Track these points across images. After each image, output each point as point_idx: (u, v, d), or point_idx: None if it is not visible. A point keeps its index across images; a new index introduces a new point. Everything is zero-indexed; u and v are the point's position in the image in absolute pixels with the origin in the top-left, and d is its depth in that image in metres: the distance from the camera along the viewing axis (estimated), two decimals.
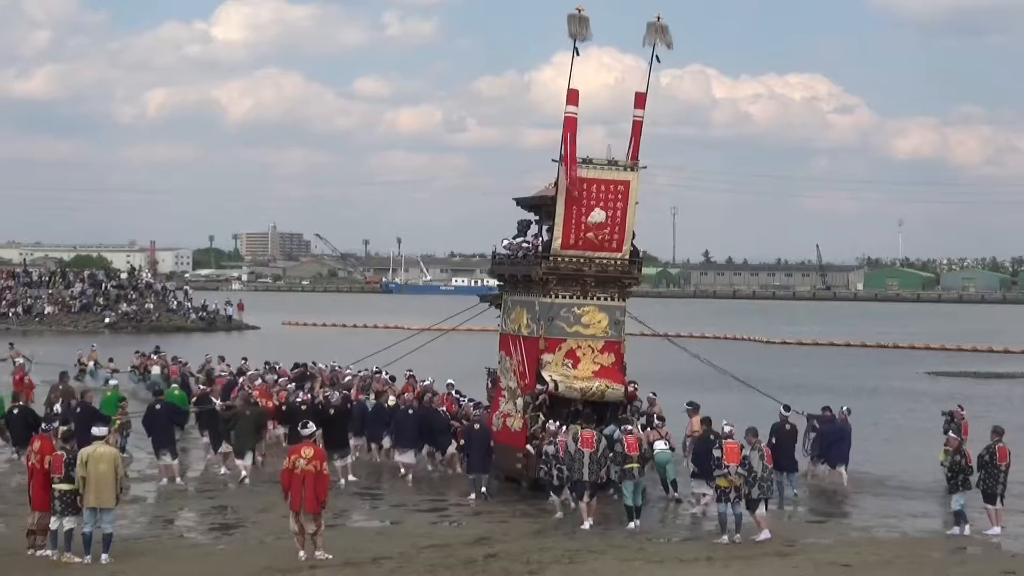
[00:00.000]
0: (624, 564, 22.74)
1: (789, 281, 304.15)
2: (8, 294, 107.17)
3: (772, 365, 73.72)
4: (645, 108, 30.59)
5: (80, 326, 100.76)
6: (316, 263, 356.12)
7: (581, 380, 29.86)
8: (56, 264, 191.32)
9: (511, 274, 32.04)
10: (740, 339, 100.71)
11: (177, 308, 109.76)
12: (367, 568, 21.82)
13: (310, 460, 22.33)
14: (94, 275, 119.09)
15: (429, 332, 40.68)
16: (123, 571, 21.13)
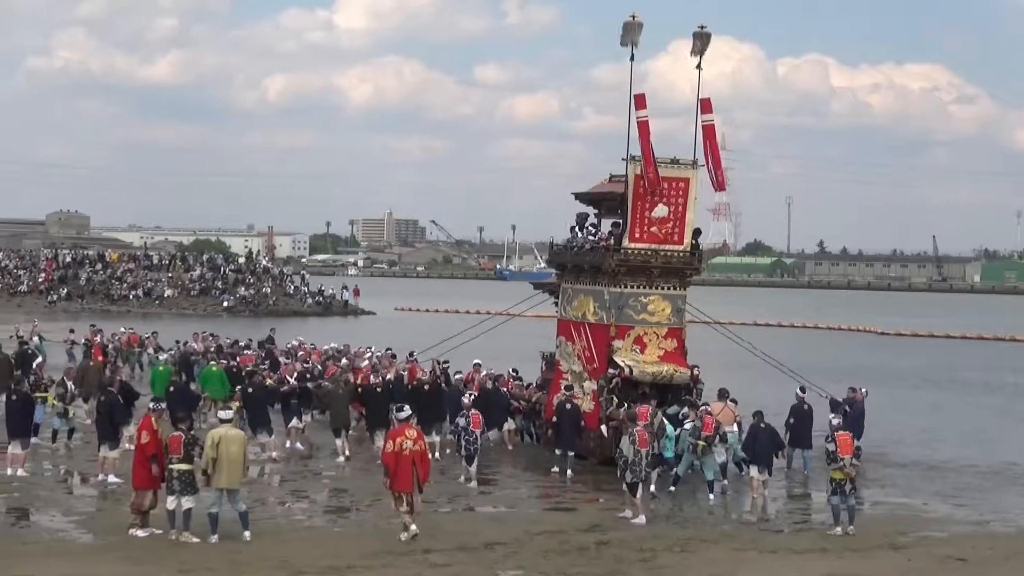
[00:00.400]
0: (737, 554, 22.69)
1: (904, 272, 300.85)
2: (129, 277, 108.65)
3: (874, 355, 73.10)
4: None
5: (199, 309, 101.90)
6: (431, 249, 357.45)
7: (651, 364, 31.72)
8: (176, 248, 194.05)
9: (575, 264, 33.93)
10: (856, 330, 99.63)
11: (294, 293, 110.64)
12: (480, 553, 21.93)
13: (415, 441, 22.55)
14: (213, 259, 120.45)
15: (490, 318, 42.11)
16: (238, 551, 21.39)
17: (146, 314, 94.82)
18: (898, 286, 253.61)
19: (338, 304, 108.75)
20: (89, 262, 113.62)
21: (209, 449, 21.97)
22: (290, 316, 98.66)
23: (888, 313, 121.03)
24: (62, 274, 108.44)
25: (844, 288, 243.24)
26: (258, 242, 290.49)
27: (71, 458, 30.74)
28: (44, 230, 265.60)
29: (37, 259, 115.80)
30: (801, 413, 32.46)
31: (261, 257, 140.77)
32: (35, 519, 24.10)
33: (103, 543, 21.98)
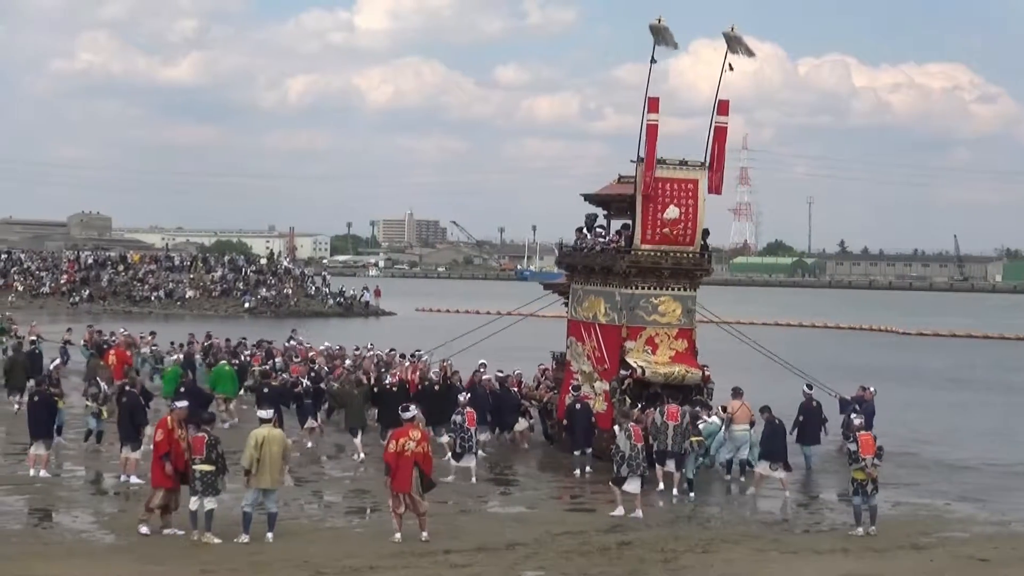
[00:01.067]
0: (759, 554, 22.67)
1: (926, 272, 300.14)
2: (151, 278, 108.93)
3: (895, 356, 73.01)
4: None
5: (220, 310, 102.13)
6: (452, 250, 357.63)
7: (663, 365, 32.05)
8: (197, 249, 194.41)
9: (585, 265, 34.17)
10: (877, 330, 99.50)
11: (315, 294, 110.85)
12: (502, 554, 21.91)
13: (419, 442, 22.58)
14: (234, 260, 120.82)
15: (499, 318, 42.85)
16: (261, 551, 21.40)
17: (168, 315, 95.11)
18: (919, 286, 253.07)
19: (359, 305, 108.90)
20: (111, 263, 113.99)
21: (253, 450, 22.01)
22: (311, 317, 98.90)
23: (909, 313, 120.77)
24: (84, 275, 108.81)
25: (865, 288, 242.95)
26: (279, 243, 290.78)
27: (97, 459, 30.81)
28: (66, 231, 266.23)
29: (59, 260, 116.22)
30: (810, 410, 33.32)
31: (282, 258, 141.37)
32: (57, 519, 24.15)
33: (125, 543, 22.02)
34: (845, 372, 47.23)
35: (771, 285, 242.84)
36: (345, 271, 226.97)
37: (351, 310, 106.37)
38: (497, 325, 40.92)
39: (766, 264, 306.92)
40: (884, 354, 76.13)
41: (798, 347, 70.89)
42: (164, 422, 22.90)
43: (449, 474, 29.25)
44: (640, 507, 25.76)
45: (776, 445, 29.08)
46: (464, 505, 26.67)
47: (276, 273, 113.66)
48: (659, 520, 25.65)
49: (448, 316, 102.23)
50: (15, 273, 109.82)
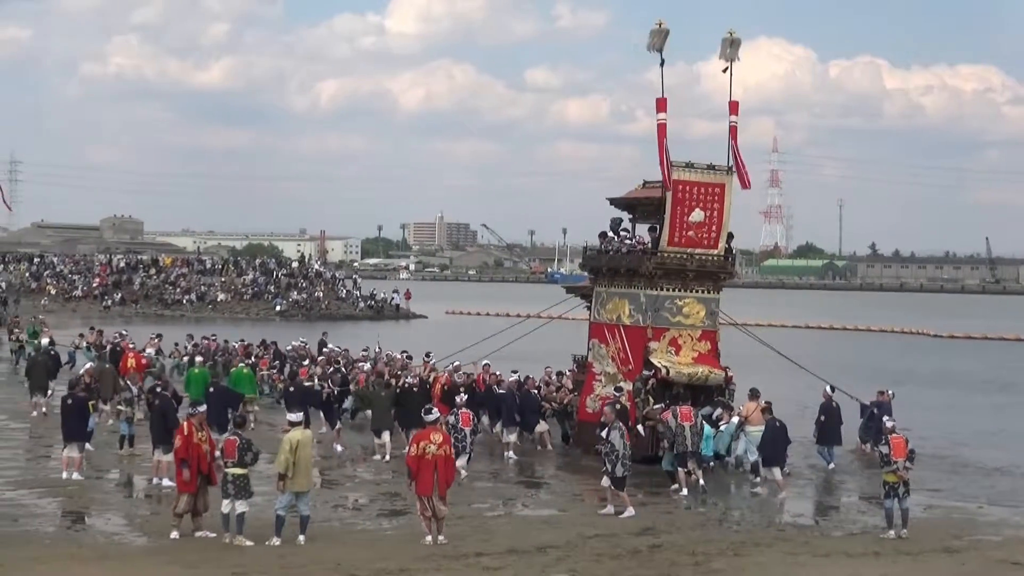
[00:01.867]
0: (790, 557, 22.62)
1: (957, 274, 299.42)
2: (183, 281, 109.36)
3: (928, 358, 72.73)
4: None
5: (252, 313, 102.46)
6: (482, 253, 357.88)
7: (686, 366, 32.59)
8: (229, 252, 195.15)
9: (610, 267, 34.32)
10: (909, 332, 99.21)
11: (346, 296, 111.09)
12: (532, 557, 21.88)
13: (440, 445, 22.60)
14: (265, 263, 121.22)
15: (522, 321, 42.81)
16: (291, 554, 21.45)
17: (199, 318, 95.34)
18: (951, 288, 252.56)
19: (390, 308, 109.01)
20: (143, 267, 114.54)
21: (288, 453, 22.04)
22: (342, 320, 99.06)
23: (941, 315, 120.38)
24: (116, 279, 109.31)
25: (896, 290, 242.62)
26: (310, 246, 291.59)
27: (129, 462, 30.94)
28: (98, 235, 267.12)
29: (92, 264, 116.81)
30: (831, 411, 33.79)
31: (313, 261, 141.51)
32: (90, 522, 24.26)
33: (157, 546, 22.10)
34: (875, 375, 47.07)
35: (802, 288, 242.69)
36: (376, 274, 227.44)
37: (382, 313, 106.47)
38: (522, 328, 40.91)
39: (797, 267, 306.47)
40: (916, 357, 75.96)
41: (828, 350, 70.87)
42: (182, 427, 23.01)
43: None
44: (629, 506, 25.98)
45: (776, 447, 29.39)
46: (495, 508, 26.70)
47: (307, 276, 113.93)
48: (690, 523, 25.61)
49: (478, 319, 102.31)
50: (48, 276, 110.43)
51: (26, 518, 24.12)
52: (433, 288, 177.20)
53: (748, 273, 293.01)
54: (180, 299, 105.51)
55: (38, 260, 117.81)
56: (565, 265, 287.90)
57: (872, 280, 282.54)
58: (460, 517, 24.50)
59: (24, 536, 22.52)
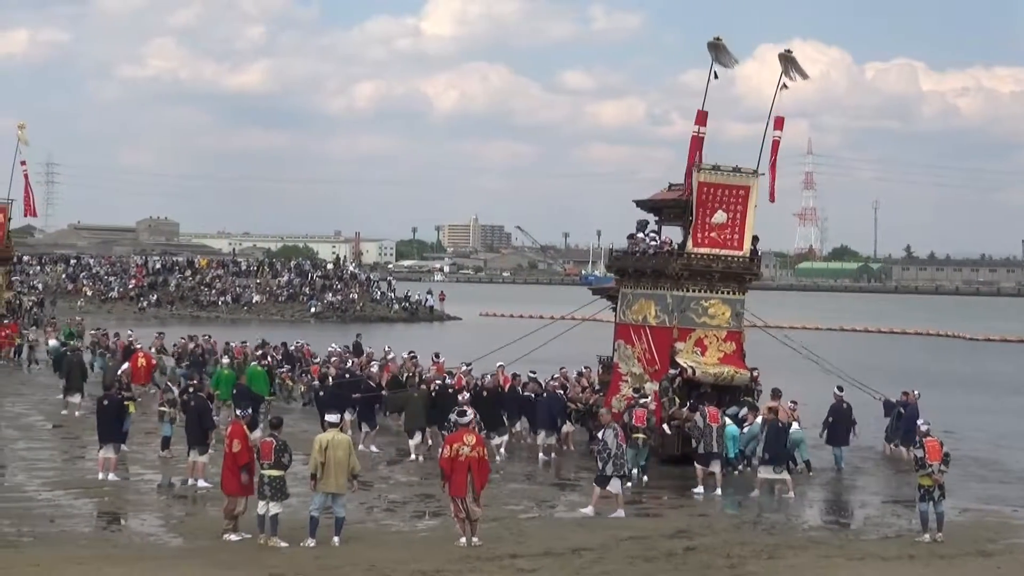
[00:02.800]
0: (824, 560, 22.58)
1: (993, 277, 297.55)
2: (218, 283, 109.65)
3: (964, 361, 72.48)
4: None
5: (286, 315, 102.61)
6: (516, 255, 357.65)
7: (712, 366, 32.79)
8: (264, 254, 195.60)
9: (636, 268, 34.60)
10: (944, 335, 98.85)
11: (380, 298, 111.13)
12: (567, 558, 21.88)
13: (473, 447, 22.62)
14: (300, 265, 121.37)
15: (552, 323, 43.51)
16: (327, 555, 21.49)
17: (235, 320, 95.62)
18: (986, 291, 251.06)
19: (424, 310, 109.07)
20: (178, 268, 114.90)
21: (317, 454, 22.13)
22: (377, 322, 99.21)
23: (976, 318, 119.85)
24: (152, 280, 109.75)
25: (931, 293, 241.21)
26: (345, 248, 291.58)
27: (165, 463, 31.07)
28: (134, 236, 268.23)
29: (127, 265, 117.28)
30: (840, 411, 34.05)
31: (348, 263, 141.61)
32: (126, 523, 24.41)
33: (193, 547, 22.22)
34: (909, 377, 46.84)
35: (836, 290, 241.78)
36: (410, 276, 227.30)
37: (416, 315, 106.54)
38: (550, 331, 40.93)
39: (831, 269, 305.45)
40: (951, 359, 75.72)
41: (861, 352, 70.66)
42: (241, 432, 23.03)
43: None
44: (622, 506, 26.04)
45: (779, 447, 29.40)
46: (529, 509, 26.73)
47: (342, 278, 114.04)
48: (724, 525, 25.60)
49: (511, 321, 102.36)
50: (84, 278, 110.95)
51: (62, 518, 24.28)
52: (467, 290, 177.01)
53: (782, 276, 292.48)
54: (215, 301, 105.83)
55: (74, 262, 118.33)
56: (599, 267, 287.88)
57: (907, 283, 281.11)
58: (494, 519, 24.54)
59: (60, 536, 22.67)
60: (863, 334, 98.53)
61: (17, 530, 22.93)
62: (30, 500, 26.09)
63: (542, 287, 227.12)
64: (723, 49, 33.09)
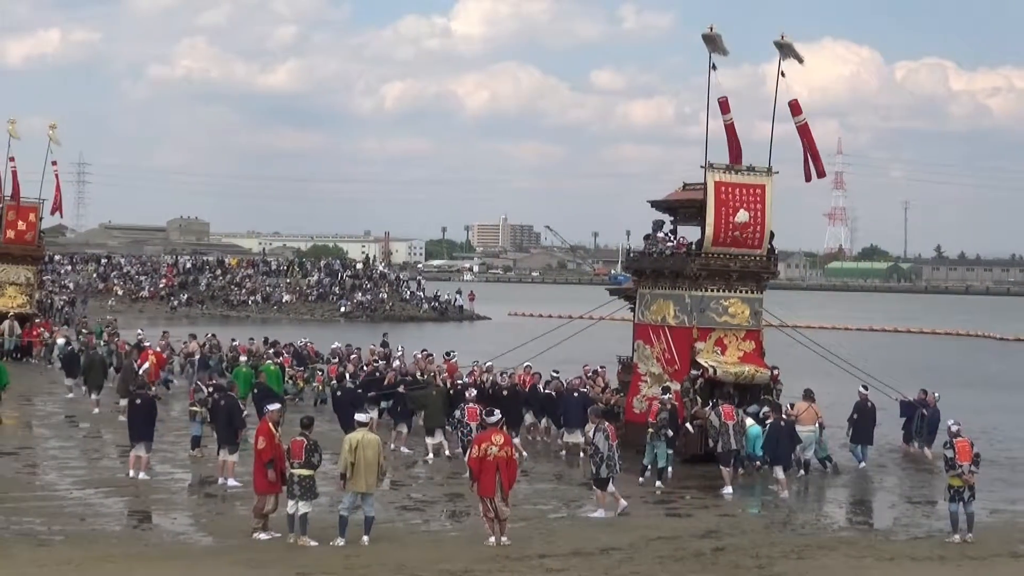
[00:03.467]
0: (854, 561, 22.54)
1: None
2: (248, 282, 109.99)
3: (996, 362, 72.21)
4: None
5: (316, 315, 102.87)
6: (546, 255, 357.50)
7: (732, 365, 32.92)
8: (294, 254, 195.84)
9: (654, 269, 34.87)
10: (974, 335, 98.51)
11: (410, 298, 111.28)
12: (596, 558, 21.89)
13: (501, 447, 22.67)
14: (330, 265, 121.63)
15: (570, 322, 44.03)
16: (356, 555, 21.53)
17: (265, 319, 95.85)
18: (1017, 291, 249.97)
19: (453, 309, 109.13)
20: (209, 268, 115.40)
21: (347, 453, 22.16)
22: (406, 321, 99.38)
23: (1007, 319, 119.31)
24: (182, 280, 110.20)
25: (962, 293, 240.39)
26: (375, 248, 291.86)
27: (194, 462, 31.18)
28: (165, 236, 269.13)
29: (158, 265, 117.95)
30: (864, 410, 34.17)
31: (378, 263, 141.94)
32: (156, 522, 24.48)
33: (223, 546, 22.29)
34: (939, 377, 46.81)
35: (866, 290, 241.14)
36: (440, 276, 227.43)
37: (446, 314, 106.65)
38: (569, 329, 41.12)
39: (861, 269, 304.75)
40: (981, 359, 75.46)
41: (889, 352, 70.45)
42: (266, 428, 23.09)
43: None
44: (622, 498, 26.21)
45: (781, 445, 29.71)
46: (558, 509, 26.74)
47: (371, 277, 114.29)
48: (753, 525, 25.59)
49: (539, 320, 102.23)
50: (115, 277, 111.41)
51: (93, 517, 24.39)
52: (497, 290, 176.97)
53: (812, 276, 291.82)
54: (245, 300, 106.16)
55: (105, 261, 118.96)
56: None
57: (937, 283, 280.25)
58: (523, 519, 24.57)
59: (91, 535, 22.77)
60: (893, 334, 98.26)
61: (48, 528, 23.05)
62: (61, 499, 26.22)
63: (571, 287, 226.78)
64: (717, 40, 33.32)
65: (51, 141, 60.18)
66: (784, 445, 29.83)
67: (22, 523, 23.41)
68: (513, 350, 40.04)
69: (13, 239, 59.00)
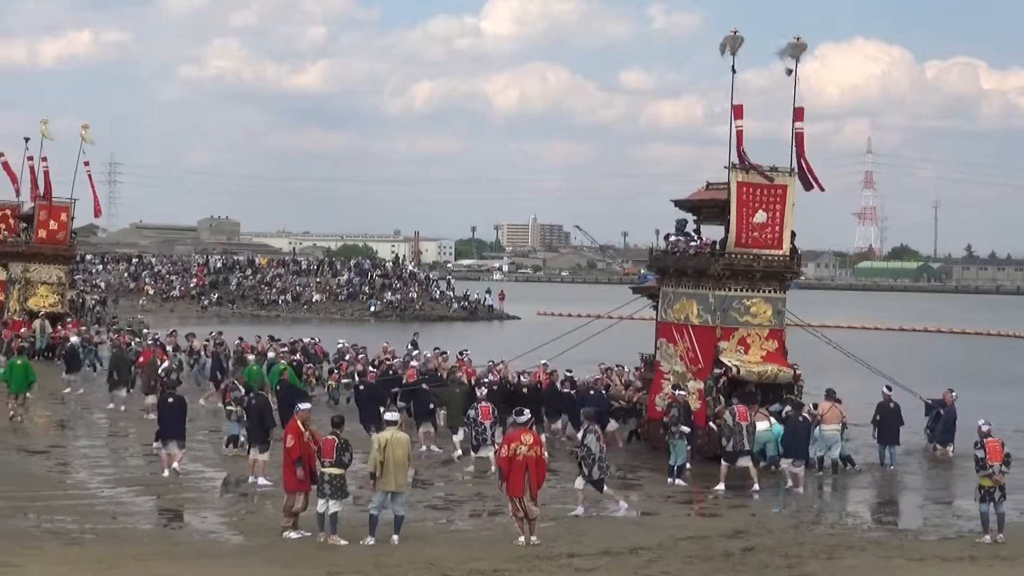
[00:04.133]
0: (884, 561, 22.51)
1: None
2: (278, 282, 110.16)
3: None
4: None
5: (346, 314, 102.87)
6: (575, 254, 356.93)
7: (756, 364, 33.23)
8: (324, 253, 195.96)
9: (677, 268, 35.06)
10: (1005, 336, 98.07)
11: (440, 297, 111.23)
12: (625, 558, 21.91)
13: (531, 446, 22.71)
14: (360, 264, 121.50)
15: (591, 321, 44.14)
16: (386, 554, 21.57)
17: (295, 319, 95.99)
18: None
19: (483, 309, 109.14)
20: (239, 267, 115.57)
21: (377, 452, 22.21)
22: (436, 321, 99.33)
23: None
24: (213, 279, 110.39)
25: (992, 293, 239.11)
26: (404, 247, 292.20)
27: (225, 460, 31.29)
28: (196, 236, 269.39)
29: (189, 264, 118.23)
30: (888, 410, 34.16)
31: (407, 262, 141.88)
32: (187, 520, 24.59)
33: (254, 545, 22.37)
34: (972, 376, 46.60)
35: (896, 290, 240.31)
36: (469, 275, 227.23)
37: (475, 314, 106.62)
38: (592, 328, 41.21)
39: (891, 269, 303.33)
40: (1011, 360, 75.10)
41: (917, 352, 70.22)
42: (296, 427, 23.16)
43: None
44: (621, 499, 26.34)
45: (797, 442, 29.97)
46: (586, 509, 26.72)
47: (401, 277, 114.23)
48: (782, 525, 25.56)
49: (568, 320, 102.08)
50: (146, 277, 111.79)
51: (124, 516, 24.52)
52: (526, 289, 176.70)
53: (842, 275, 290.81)
54: (276, 299, 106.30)
55: (136, 260, 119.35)
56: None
57: (968, 282, 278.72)
58: (552, 518, 24.61)
59: (122, 533, 22.89)
60: (923, 334, 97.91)
61: (80, 527, 23.18)
62: (93, 497, 26.37)
63: (601, 286, 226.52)
64: (739, 42, 33.54)
65: (83, 141, 60.27)
66: (800, 440, 30.07)
67: (54, 521, 23.57)
68: (535, 348, 40.04)
69: (45, 239, 59.35)
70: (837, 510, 27.88)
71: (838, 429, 32.16)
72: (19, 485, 27.15)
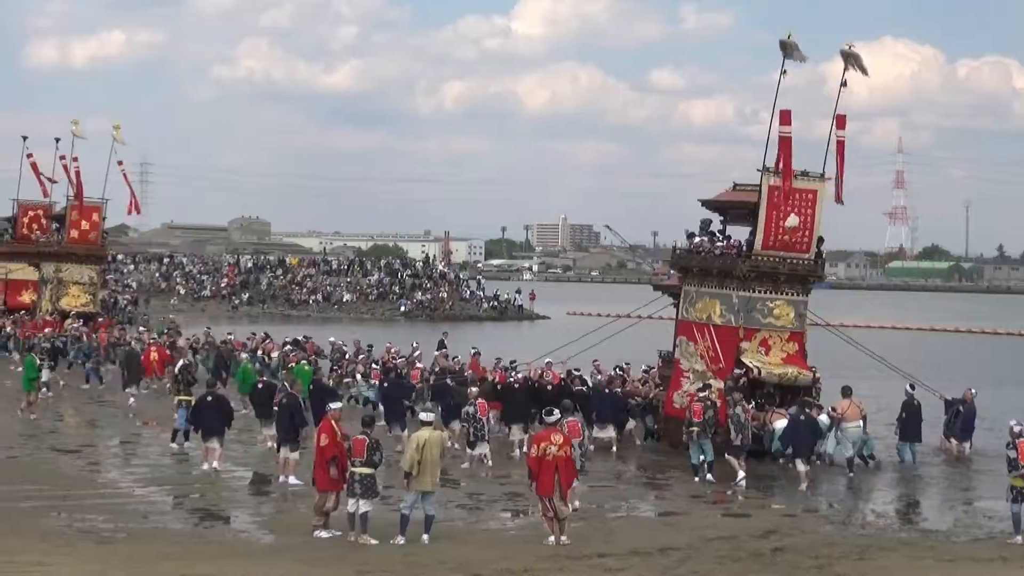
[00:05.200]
0: (915, 562, 22.46)
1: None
2: (309, 282, 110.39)
3: None
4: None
5: (376, 314, 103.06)
6: (605, 254, 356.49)
7: (776, 366, 33.44)
8: (354, 253, 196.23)
9: (701, 267, 35.14)
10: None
11: (470, 297, 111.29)
12: (655, 558, 21.90)
13: (560, 446, 22.72)
14: (390, 264, 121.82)
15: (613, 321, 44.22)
16: (416, 553, 21.62)
17: (325, 319, 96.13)
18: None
19: (513, 309, 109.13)
20: (270, 267, 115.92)
21: (414, 452, 22.26)
22: (466, 321, 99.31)
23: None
24: (244, 279, 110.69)
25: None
26: (435, 247, 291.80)
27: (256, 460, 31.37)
28: (226, 236, 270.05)
29: (220, 264, 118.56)
30: (911, 408, 34.38)
31: (438, 262, 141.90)
32: (218, 519, 24.66)
33: (284, 544, 22.43)
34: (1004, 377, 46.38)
35: (927, 290, 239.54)
36: (500, 275, 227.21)
37: (505, 314, 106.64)
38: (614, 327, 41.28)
39: (922, 269, 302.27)
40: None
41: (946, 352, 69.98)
42: (329, 426, 23.23)
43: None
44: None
45: (803, 439, 30.25)
46: (616, 508, 26.76)
47: (431, 277, 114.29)
48: (812, 525, 25.53)
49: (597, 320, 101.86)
50: (177, 277, 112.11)
51: (155, 515, 24.63)
52: (556, 289, 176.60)
53: (872, 275, 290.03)
54: (306, 299, 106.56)
55: (168, 260, 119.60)
56: None
57: (999, 282, 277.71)
58: (582, 518, 24.61)
59: (153, 532, 23.00)
60: (954, 334, 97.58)
61: (113, 526, 23.29)
62: (125, 496, 26.49)
63: (631, 286, 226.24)
64: (794, 46, 33.25)
65: (115, 141, 60.50)
66: (804, 438, 30.31)
67: (85, 520, 23.69)
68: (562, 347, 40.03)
69: (77, 239, 59.71)
70: (866, 511, 27.79)
71: (860, 426, 32.38)
72: (51, 484, 27.30)
